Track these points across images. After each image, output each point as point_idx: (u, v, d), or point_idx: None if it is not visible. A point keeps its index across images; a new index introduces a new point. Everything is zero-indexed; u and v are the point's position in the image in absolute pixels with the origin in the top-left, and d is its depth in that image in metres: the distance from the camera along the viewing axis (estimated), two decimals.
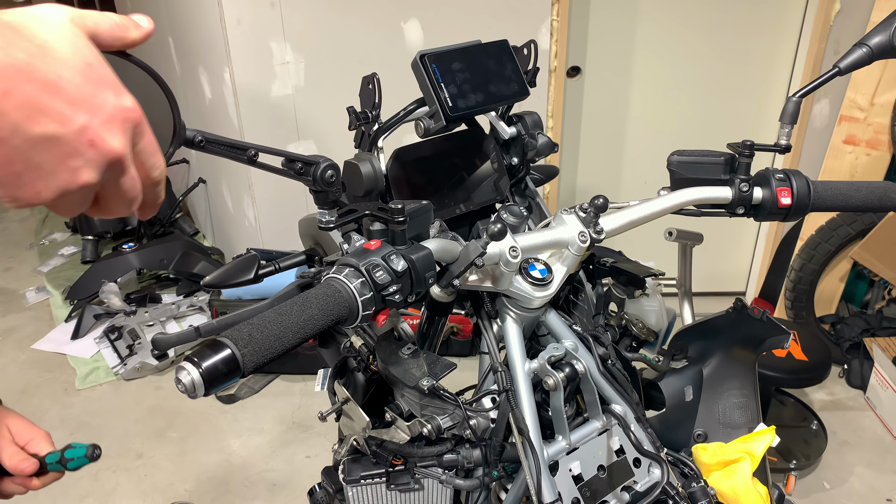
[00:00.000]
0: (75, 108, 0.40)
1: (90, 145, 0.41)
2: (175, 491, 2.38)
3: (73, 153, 0.40)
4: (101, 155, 0.42)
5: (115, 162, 0.43)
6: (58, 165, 0.40)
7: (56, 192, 0.41)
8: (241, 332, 0.58)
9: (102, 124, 0.41)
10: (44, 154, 0.40)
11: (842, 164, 2.91)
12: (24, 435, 0.93)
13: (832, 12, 2.83)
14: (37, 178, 0.40)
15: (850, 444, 2.59)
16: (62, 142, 0.40)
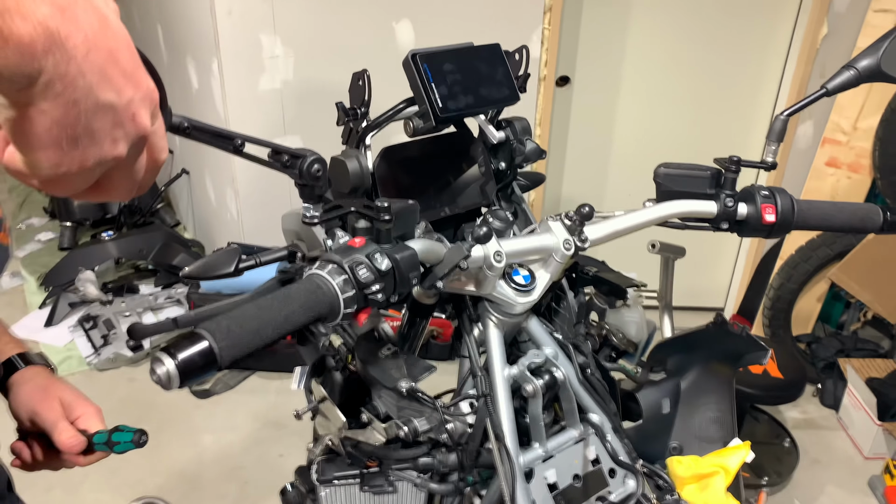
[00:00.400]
0: (126, 81, 0.42)
1: (132, 119, 0.42)
2: (145, 485, 2.35)
3: (120, 124, 0.42)
4: (137, 130, 0.43)
5: (142, 139, 0.44)
6: (106, 134, 0.42)
7: (95, 160, 0.42)
8: (220, 325, 0.56)
9: (142, 100, 0.43)
10: (101, 121, 0.41)
11: (823, 186, 2.94)
12: (75, 409, 0.96)
13: (819, 35, 2.87)
14: (89, 143, 0.41)
15: (822, 462, 2.61)
16: (116, 111, 0.41)
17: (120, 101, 0.41)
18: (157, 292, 3.37)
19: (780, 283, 2.95)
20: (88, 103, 0.39)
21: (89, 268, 3.31)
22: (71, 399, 0.96)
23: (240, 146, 0.64)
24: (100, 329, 3.09)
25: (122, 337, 3.04)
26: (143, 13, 3.74)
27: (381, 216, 0.72)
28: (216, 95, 2.90)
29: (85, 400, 0.97)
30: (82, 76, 0.38)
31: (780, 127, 1.02)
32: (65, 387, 0.97)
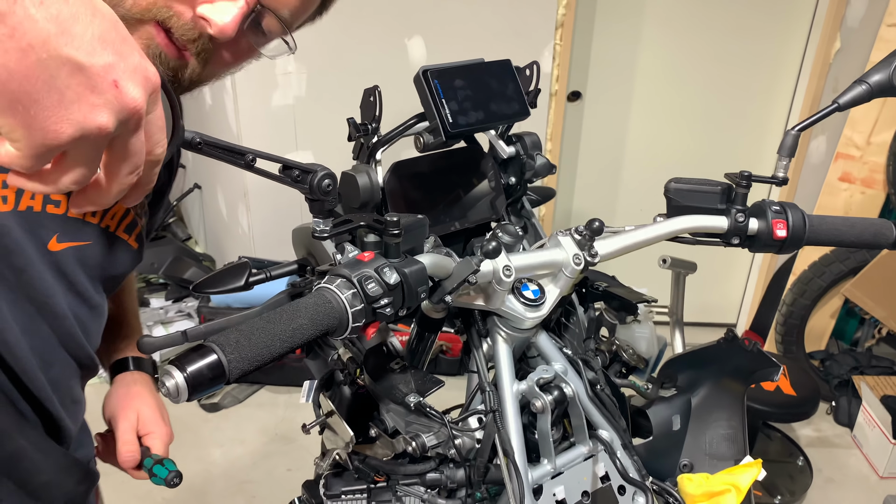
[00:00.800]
0: (104, 46, 0.41)
1: (113, 86, 0.41)
2: (153, 499, 2.35)
3: (96, 88, 0.41)
4: (121, 101, 0.42)
5: (132, 114, 0.43)
6: (78, 97, 0.40)
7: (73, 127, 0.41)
8: (229, 338, 0.57)
9: (127, 71, 0.42)
10: (68, 79, 0.40)
11: (836, 201, 2.93)
12: (147, 426, 1.03)
13: (832, 50, 2.87)
14: (56, 103, 0.40)
15: (836, 481, 2.58)
16: (87, 72, 0.40)
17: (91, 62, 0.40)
18: (168, 306, 3.38)
19: (793, 299, 2.92)
20: (44, 54, 0.38)
21: None
22: (149, 415, 1.03)
23: (251, 161, 0.64)
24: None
25: None
26: None
27: (389, 230, 0.72)
28: (229, 111, 2.93)
29: (161, 420, 1.04)
30: (32, 21, 0.38)
31: (791, 142, 1.02)
32: (151, 401, 1.04)
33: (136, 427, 1.02)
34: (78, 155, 0.43)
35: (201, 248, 4.10)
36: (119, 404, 1.04)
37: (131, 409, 1.03)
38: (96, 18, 0.41)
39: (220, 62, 0.75)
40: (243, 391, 2.97)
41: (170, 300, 3.47)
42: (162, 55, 0.69)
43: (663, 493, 1.01)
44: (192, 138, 0.59)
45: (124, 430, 1.01)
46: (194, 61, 0.71)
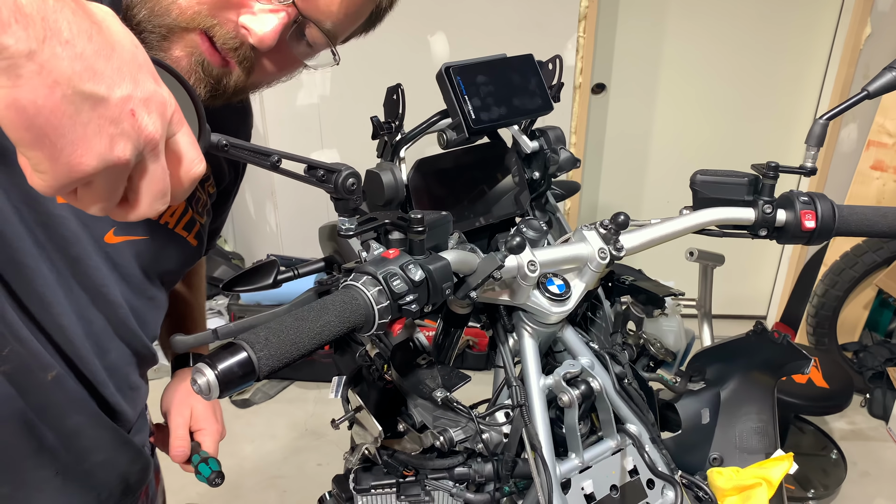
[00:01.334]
0: (122, 77, 0.43)
1: (131, 115, 0.43)
2: (186, 493, 2.39)
3: (115, 120, 0.42)
4: (137, 131, 0.43)
5: (149, 143, 0.44)
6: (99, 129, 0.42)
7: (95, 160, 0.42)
8: (258, 336, 0.58)
9: (142, 101, 0.44)
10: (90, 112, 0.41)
11: (869, 190, 2.87)
12: (199, 422, 1.11)
13: (862, 36, 2.81)
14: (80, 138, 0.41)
15: (871, 475, 2.53)
16: (106, 104, 0.42)
17: (111, 94, 0.42)
18: None
19: (825, 290, 2.88)
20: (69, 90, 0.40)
21: None
22: (202, 412, 1.10)
23: (277, 162, 0.65)
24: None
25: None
26: None
27: (414, 228, 0.73)
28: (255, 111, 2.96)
29: (213, 417, 1.11)
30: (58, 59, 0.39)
31: (819, 131, 1.00)
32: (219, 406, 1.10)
33: (188, 422, 1.08)
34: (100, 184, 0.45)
35: (230, 246, 4.15)
36: (175, 399, 1.09)
37: (185, 405, 1.09)
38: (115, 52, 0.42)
39: (264, 71, 0.78)
40: (274, 387, 3.01)
41: None
42: (205, 63, 0.71)
43: (693, 486, 1.00)
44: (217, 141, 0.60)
45: (177, 425, 1.07)
46: (238, 70, 0.74)
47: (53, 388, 0.77)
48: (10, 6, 0.37)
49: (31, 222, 0.72)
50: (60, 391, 0.78)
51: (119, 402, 0.88)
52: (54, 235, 0.74)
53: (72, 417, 0.81)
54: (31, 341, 0.74)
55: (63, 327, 0.78)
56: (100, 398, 0.86)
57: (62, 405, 0.79)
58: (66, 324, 0.78)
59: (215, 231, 1.13)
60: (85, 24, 0.41)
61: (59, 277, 0.76)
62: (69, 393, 0.79)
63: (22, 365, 0.74)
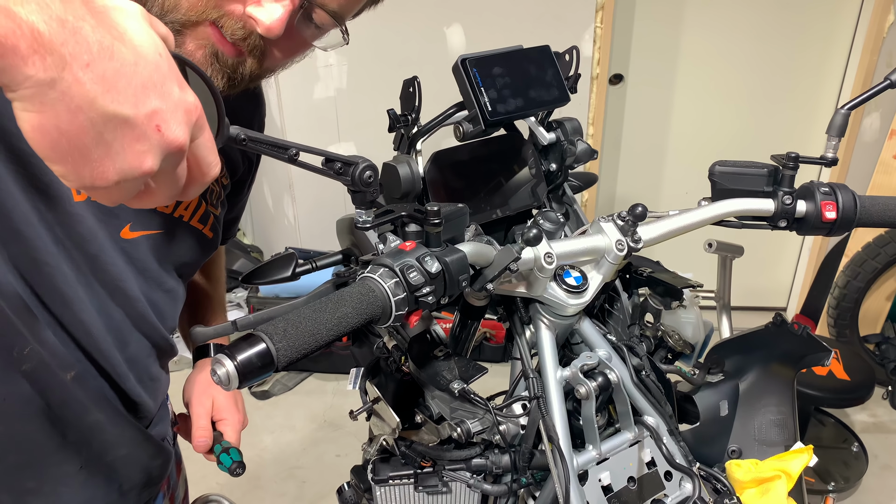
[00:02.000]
0: (147, 93, 0.42)
1: (157, 130, 0.43)
2: (207, 483, 2.42)
3: (141, 137, 0.42)
4: (165, 143, 0.43)
5: (176, 151, 0.45)
6: (125, 147, 0.42)
7: (119, 174, 0.42)
8: (277, 327, 0.58)
9: (169, 113, 0.43)
10: (114, 132, 0.41)
11: (891, 180, 2.83)
12: (221, 412, 1.12)
13: (886, 24, 2.76)
14: (104, 155, 0.41)
15: (893, 468, 2.51)
16: (132, 124, 0.42)
17: (137, 112, 0.42)
18: None
19: (846, 282, 2.84)
20: (93, 113, 0.40)
21: None
22: (223, 402, 1.11)
23: (294, 155, 0.66)
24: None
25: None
26: None
27: (430, 220, 0.73)
28: (273, 105, 2.97)
29: (235, 407, 1.12)
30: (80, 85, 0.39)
31: (840, 121, 0.99)
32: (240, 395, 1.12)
33: (210, 412, 1.09)
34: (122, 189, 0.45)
35: (249, 239, 4.18)
36: (196, 389, 1.11)
37: (207, 396, 1.11)
38: (138, 66, 0.42)
39: (275, 57, 0.79)
40: (292, 379, 3.03)
41: None
42: (219, 54, 0.73)
43: (711, 478, 1.00)
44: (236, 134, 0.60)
45: (199, 415, 1.08)
46: (250, 58, 0.75)
47: (73, 386, 0.79)
48: (29, 38, 0.37)
49: (51, 221, 0.74)
50: (80, 389, 0.80)
51: (140, 393, 0.90)
52: (72, 233, 0.76)
53: (92, 414, 0.82)
54: (51, 341, 0.76)
55: (84, 323, 0.79)
56: (121, 391, 0.87)
57: (83, 403, 0.81)
58: (87, 319, 0.79)
59: (233, 221, 1.14)
60: (106, 40, 0.40)
61: (78, 274, 0.77)
62: (89, 391, 0.81)
63: (42, 364, 0.75)
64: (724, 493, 0.97)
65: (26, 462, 0.80)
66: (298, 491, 2.42)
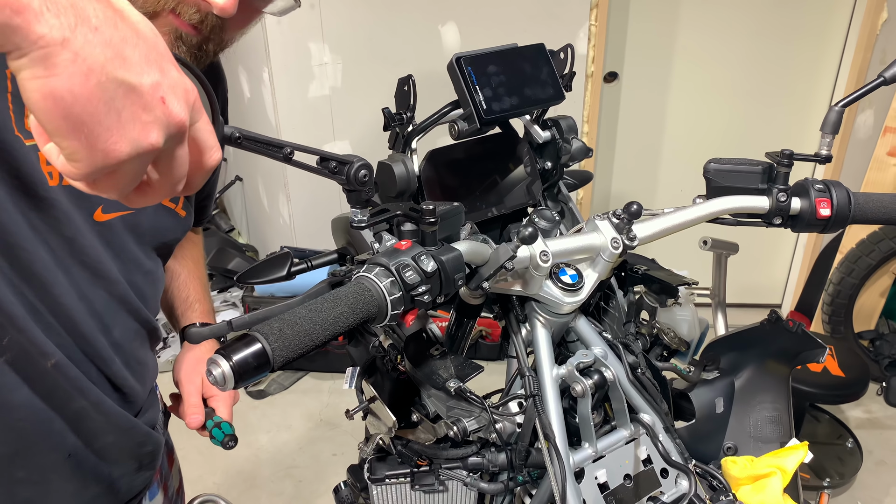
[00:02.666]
0: (149, 65, 0.43)
1: (161, 102, 0.43)
2: (203, 483, 2.42)
3: (147, 106, 0.43)
4: (168, 116, 0.44)
5: (178, 128, 0.45)
6: (133, 116, 0.42)
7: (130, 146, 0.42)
8: (272, 327, 0.58)
9: (170, 87, 0.44)
10: (123, 99, 0.42)
11: (885, 177, 2.84)
12: (211, 388, 1.13)
13: (879, 21, 2.77)
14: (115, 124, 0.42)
15: (887, 463, 2.52)
16: (139, 92, 0.42)
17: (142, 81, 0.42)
18: (214, 296, 3.45)
19: (841, 278, 2.85)
20: (103, 77, 0.40)
21: None
22: None
23: (289, 154, 0.66)
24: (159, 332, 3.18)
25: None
26: None
27: (426, 219, 0.73)
28: (267, 103, 2.96)
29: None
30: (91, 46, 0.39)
31: (834, 118, 0.99)
32: None
33: (200, 390, 1.11)
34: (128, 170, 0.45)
35: (244, 238, 4.17)
36: (185, 368, 1.13)
37: (196, 373, 1.12)
38: (140, 40, 0.43)
39: (234, 28, 0.82)
40: (288, 378, 3.03)
41: (215, 290, 3.55)
42: (183, 35, 0.75)
43: (707, 475, 1.00)
44: (231, 133, 0.60)
45: (189, 392, 1.10)
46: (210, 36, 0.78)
47: (55, 374, 0.79)
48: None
49: (25, 207, 0.74)
50: (62, 377, 0.80)
51: (126, 377, 0.90)
52: (47, 218, 0.76)
53: (76, 401, 0.83)
54: (30, 329, 0.76)
55: (65, 307, 0.79)
56: (107, 376, 0.88)
57: (66, 390, 0.81)
58: (68, 303, 0.80)
59: (206, 199, 1.15)
60: (109, 12, 0.41)
61: (56, 259, 0.78)
62: (71, 378, 0.81)
63: (22, 352, 0.76)
64: (720, 489, 0.98)
65: (14, 452, 0.81)
66: (295, 490, 2.42)
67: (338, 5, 2.69)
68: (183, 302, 1.17)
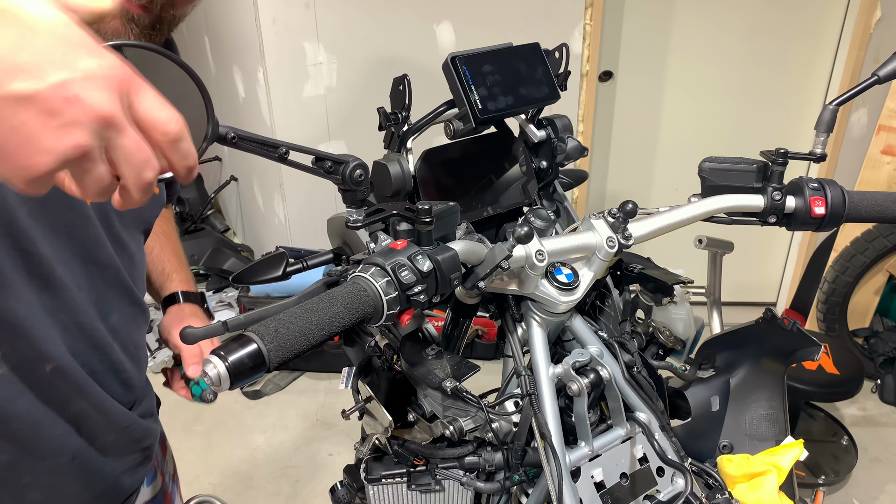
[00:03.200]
0: (50, 65, 0.40)
1: (69, 103, 0.40)
2: (200, 484, 2.41)
3: (52, 112, 0.40)
4: (86, 113, 0.41)
5: (105, 121, 0.42)
6: (39, 127, 0.40)
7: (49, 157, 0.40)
8: (268, 328, 0.58)
9: (82, 82, 0.41)
10: (22, 113, 0.39)
11: (879, 175, 2.85)
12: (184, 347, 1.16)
13: (872, 20, 2.78)
14: (21, 142, 0.39)
15: (882, 461, 2.53)
16: (38, 99, 0.39)
17: (40, 86, 0.39)
18: (209, 296, 3.45)
19: (835, 276, 2.86)
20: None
21: None
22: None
23: (284, 154, 0.66)
24: (154, 333, 3.17)
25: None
26: (190, 26, 3.84)
27: (421, 218, 0.73)
28: (262, 103, 2.96)
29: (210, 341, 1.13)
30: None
31: (829, 117, 0.99)
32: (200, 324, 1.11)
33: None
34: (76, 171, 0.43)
35: (239, 238, 4.16)
36: (171, 323, 1.16)
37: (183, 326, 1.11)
38: (37, 37, 0.40)
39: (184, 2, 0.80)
40: (284, 378, 3.02)
41: (210, 291, 3.54)
42: (136, 17, 0.73)
43: (703, 474, 1.00)
44: (225, 133, 0.60)
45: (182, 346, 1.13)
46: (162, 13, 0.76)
47: (53, 378, 0.80)
48: None
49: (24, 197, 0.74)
50: (61, 380, 0.80)
51: (124, 362, 0.91)
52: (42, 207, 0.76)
53: (76, 403, 0.83)
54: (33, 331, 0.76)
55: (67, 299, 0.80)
56: (107, 364, 0.88)
57: (65, 394, 0.82)
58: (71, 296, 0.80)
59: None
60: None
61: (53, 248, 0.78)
62: (70, 381, 0.82)
63: (22, 360, 0.76)
64: (716, 488, 0.98)
65: (18, 458, 0.81)
66: (292, 490, 2.42)
67: (332, 5, 2.69)
68: (160, 274, 1.18)
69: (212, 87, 0.56)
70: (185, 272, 1.21)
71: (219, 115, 0.58)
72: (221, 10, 3.20)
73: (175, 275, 1.19)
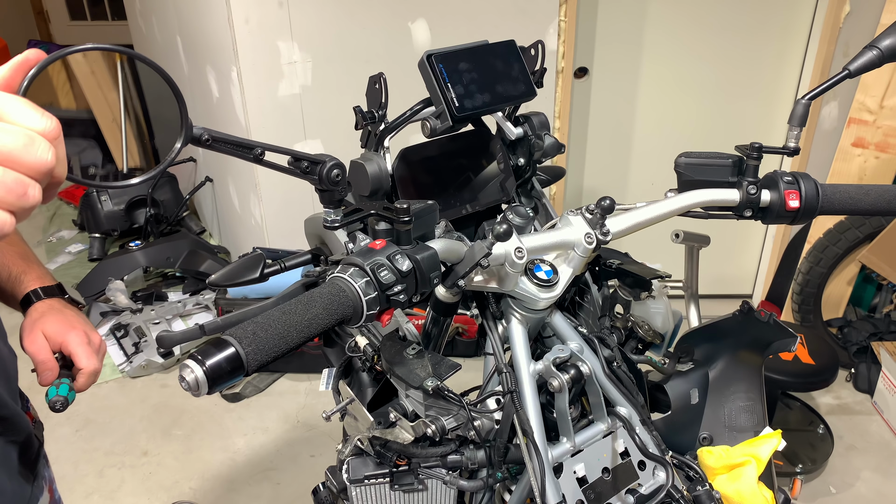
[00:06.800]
0: None
1: None
2: (180, 489, 2.39)
3: None
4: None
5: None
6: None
7: None
8: (246, 331, 0.57)
9: None
10: None
11: (850, 167, 2.89)
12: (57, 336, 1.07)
13: (842, 14, 2.82)
14: None
15: (857, 448, 2.57)
16: None
17: None
18: (186, 299, 3.41)
19: (809, 268, 2.90)
20: None
21: (119, 277, 3.37)
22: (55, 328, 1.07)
23: (260, 155, 0.65)
24: (131, 337, 3.14)
25: (153, 344, 3.08)
26: (162, 25, 3.79)
27: (400, 218, 0.73)
28: (237, 103, 2.93)
29: (70, 327, 1.08)
30: None
31: (801, 111, 1.01)
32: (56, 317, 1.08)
33: (46, 348, 1.05)
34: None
35: (216, 240, 4.12)
36: (26, 334, 1.07)
37: (36, 334, 1.06)
38: None
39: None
40: (264, 380, 3.00)
41: (187, 293, 3.50)
42: None
43: (683, 466, 1.01)
44: (200, 135, 0.59)
45: (33, 353, 1.05)
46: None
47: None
48: None
49: None
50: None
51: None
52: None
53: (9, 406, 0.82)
54: None
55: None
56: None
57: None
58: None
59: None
60: None
61: None
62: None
63: None
64: (697, 480, 0.99)
65: None
66: (273, 493, 2.40)
67: (306, 4, 2.67)
68: (7, 280, 1.13)
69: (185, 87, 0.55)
70: (37, 269, 1.14)
71: (193, 115, 0.57)
72: (194, 9, 3.16)
73: (24, 276, 1.13)
